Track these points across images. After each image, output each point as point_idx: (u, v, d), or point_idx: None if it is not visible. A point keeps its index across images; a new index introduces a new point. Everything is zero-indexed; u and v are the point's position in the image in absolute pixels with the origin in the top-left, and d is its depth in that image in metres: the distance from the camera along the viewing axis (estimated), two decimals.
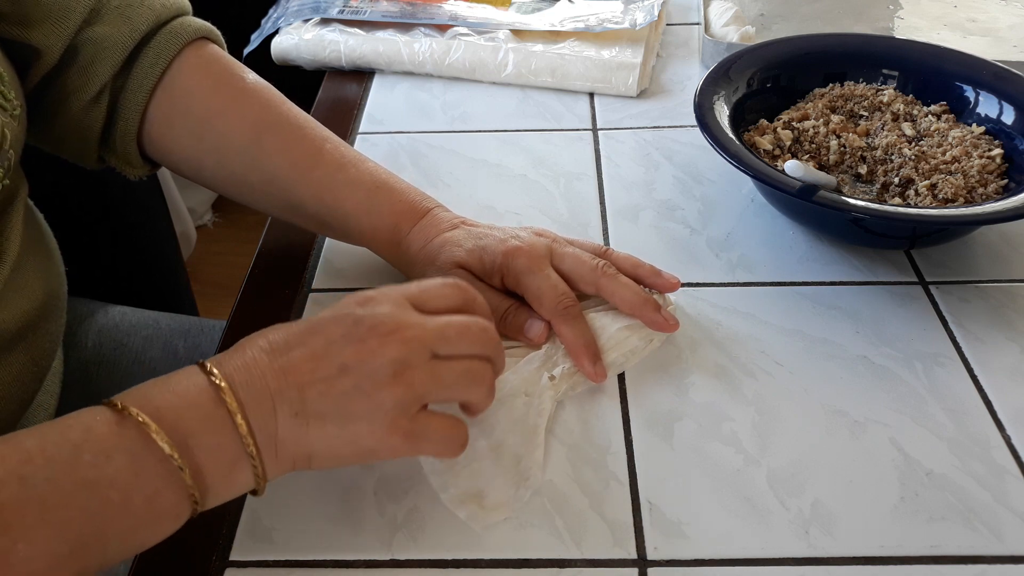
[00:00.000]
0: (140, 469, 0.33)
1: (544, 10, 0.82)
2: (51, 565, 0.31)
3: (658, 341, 0.50)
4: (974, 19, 0.83)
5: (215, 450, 0.35)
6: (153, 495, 0.34)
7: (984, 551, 0.40)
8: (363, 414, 0.37)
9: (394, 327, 0.38)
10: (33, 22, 0.48)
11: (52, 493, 0.32)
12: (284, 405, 0.36)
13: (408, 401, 0.37)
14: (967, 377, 0.48)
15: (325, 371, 0.37)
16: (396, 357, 0.37)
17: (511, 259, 0.49)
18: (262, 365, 0.36)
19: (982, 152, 0.57)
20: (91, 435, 0.33)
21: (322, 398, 0.36)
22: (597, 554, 0.40)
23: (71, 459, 0.32)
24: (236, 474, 0.36)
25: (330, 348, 0.37)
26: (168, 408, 0.34)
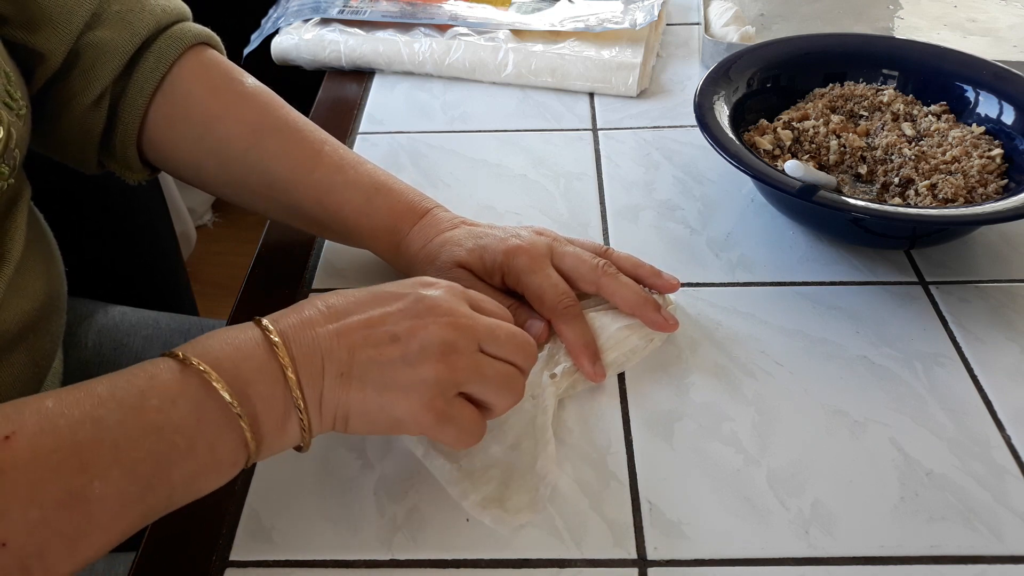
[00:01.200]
0: (202, 415, 0.35)
1: (544, 10, 0.82)
2: (123, 504, 0.33)
3: (658, 341, 0.50)
4: (974, 19, 0.83)
5: (269, 400, 0.36)
6: (215, 441, 0.35)
7: (984, 551, 0.40)
8: (403, 385, 0.38)
9: (450, 311, 0.40)
10: (37, 26, 0.49)
11: (123, 436, 0.33)
12: (332, 364, 0.37)
13: (447, 382, 0.39)
14: (967, 377, 0.48)
15: (377, 338, 0.38)
16: (446, 339, 0.39)
17: (512, 258, 0.49)
18: (317, 325, 0.38)
19: (982, 152, 0.57)
20: (156, 382, 0.35)
21: (369, 363, 0.38)
22: (597, 554, 0.40)
23: (139, 403, 0.34)
24: (287, 425, 0.37)
25: (386, 318, 0.39)
26: (227, 359, 0.36)
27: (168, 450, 0.34)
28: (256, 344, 0.37)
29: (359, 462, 0.45)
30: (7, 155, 0.45)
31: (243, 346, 0.37)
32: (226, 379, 0.35)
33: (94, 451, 0.32)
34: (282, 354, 0.37)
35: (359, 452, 0.45)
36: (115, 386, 0.34)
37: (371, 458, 0.45)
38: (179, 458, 0.34)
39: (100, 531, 0.33)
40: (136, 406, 0.34)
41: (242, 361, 0.36)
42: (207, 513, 0.42)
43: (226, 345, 0.37)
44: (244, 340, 0.37)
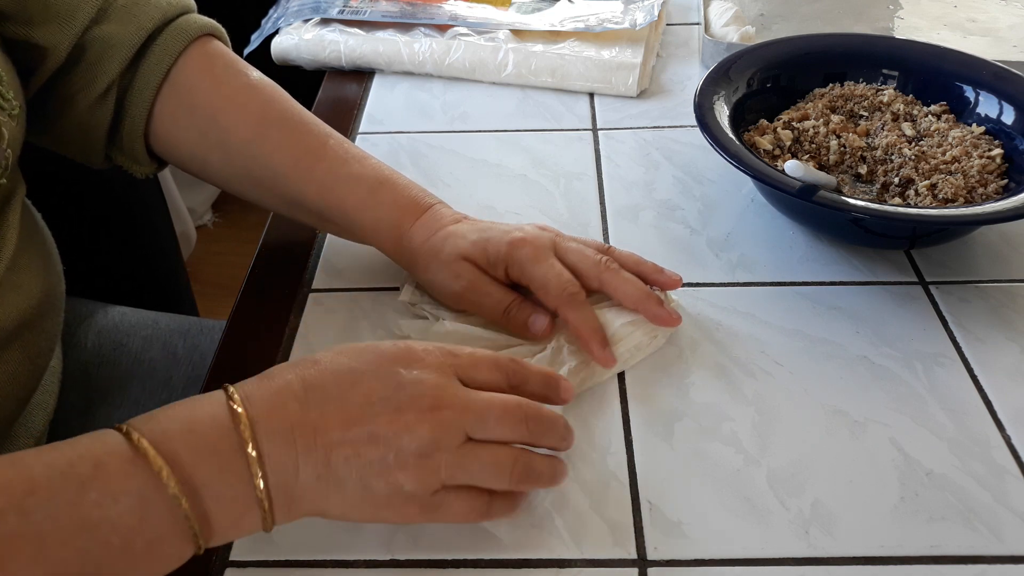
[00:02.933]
0: (146, 514, 0.32)
1: (544, 10, 0.82)
2: None
3: (662, 338, 0.50)
4: (974, 19, 0.83)
5: (227, 501, 0.34)
6: (156, 540, 0.33)
7: (984, 551, 0.40)
8: (383, 488, 0.36)
9: (434, 403, 0.37)
10: (39, 22, 0.48)
11: (52, 531, 0.31)
12: (308, 466, 0.35)
13: (429, 484, 0.37)
14: (967, 377, 0.48)
15: (355, 435, 0.36)
16: (426, 439, 0.36)
17: (516, 249, 0.49)
18: (292, 415, 0.35)
19: (982, 152, 0.57)
20: (100, 472, 0.32)
21: (346, 463, 0.36)
22: (597, 554, 0.40)
23: (76, 497, 0.31)
24: (244, 522, 0.35)
25: (365, 411, 0.36)
26: (186, 451, 0.33)
27: (100, 549, 0.32)
28: (223, 434, 0.34)
29: None
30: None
31: (207, 435, 0.34)
32: (180, 477, 0.33)
33: (14, 546, 0.30)
34: (251, 452, 0.34)
35: None
36: (53, 470, 0.32)
37: None
38: (113, 558, 0.32)
39: None
40: (72, 501, 0.31)
41: (204, 456, 0.34)
42: None
43: (189, 433, 0.34)
44: (209, 426, 0.34)
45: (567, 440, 0.41)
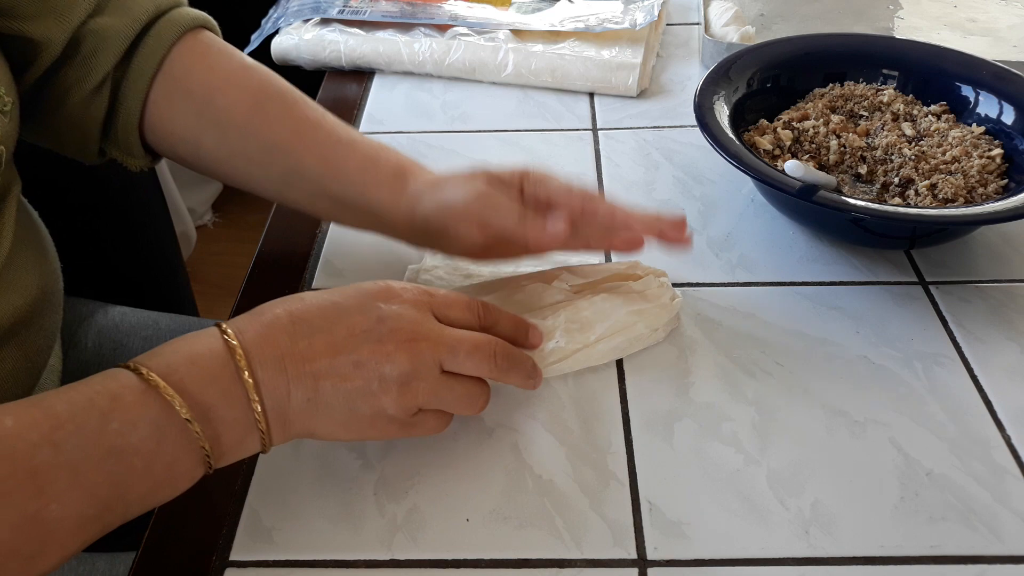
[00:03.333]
0: (163, 438, 0.35)
1: (544, 10, 0.82)
2: (79, 525, 0.33)
3: (663, 332, 0.50)
4: (974, 19, 0.83)
5: (231, 423, 0.37)
6: (173, 461, 0.36)
7: (984, 551, 0.40)
8: (366, 414, 0.40)
9: (411, 335, 0.40)
10: (34, 16, 0.48)
11: (82, 459, 0.33)
12: (298, 390, 0.38)
13: (409, 408, 0.40)
14: (967, 377, 0.48)
15: (340, 365, 0.39)
16: (406, 368, 0.40)
17: (530, 169, 0.51)
18: (282, 345, 0.38)
19: (982, 152, 0.57)
20: (117, 403, 0.35)
21: (334, 389, 0.39)
22: (597, 554, 0.40)
23: (99, 427, 0.34)
24: (246, 441, 0.38)
25: (349, 341, 0.39)
26: (191, 380, 0.36)
27: (126, 472, 0.34)
28: (222, 364, 0.37)
29: (359, 462, 0.45)
30: None
31: (208, 366, 0.37)
32: (189, 402, 0.36)
33: (52, 475, 0.33)
34: (247, 378, 0.37)
35: (359, 452, 0.45)
36: (75, 406, 0.34)
37: (371, 458, 0.45)
38: (137, 479, 0.35)
39: (57, 549, 0.33)
40: (96, 430, 0.34)
41: (207, 384, 0.36)
42: (207, 513, 0.42)
43: (191, 365, 0.37)
44: (209, 358, 0.37)
45: (533, 378, 0.45)
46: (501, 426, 0.46)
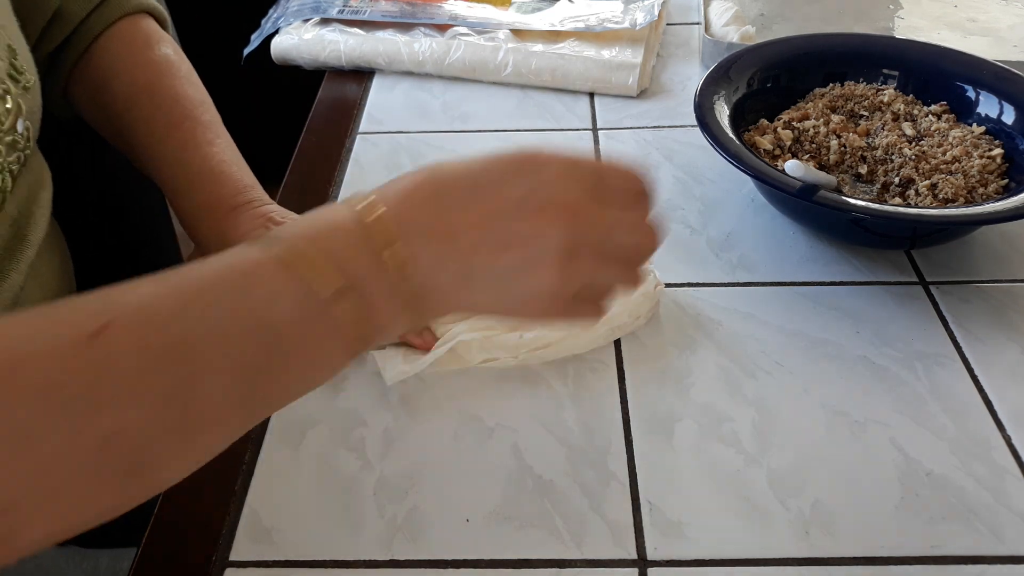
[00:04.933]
0: (305, 315, 0.32)
1: (544, 10, 0.81)
2: (229, 402, 0.31)
3: (643, 319, 0.51)
4: (974, 19, 0.83)
5: (376, 301, 0.33)
6: (319, 341, 0.32)
7: (984, 551, 0.40)
8: (522, 291, 0.36)
9: (567, 207, 0.36)
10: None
11: (231, 328, 0.30)
12: (450, 265, 0.35)
13: (564, 289, 0.36)
14: (967, 377, 0.48)
15: (493, 240, 0.35)
16: (563, 242, 0.35)
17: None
18: (429, 218, 0.35)
19: (982, 152, 0.57)
20: (252, 279, 0.31)
21: (486, 268, 0.35)
22: (597, 554, 0.40)
23: (238, 300, 0.31)
24: (393, 324, 0.35)
25: (501, 214, 0.35)
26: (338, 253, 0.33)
27: (274, 346, 0.31)
28: (364, 237, 0.33)
29: (359, 462, 0.45)
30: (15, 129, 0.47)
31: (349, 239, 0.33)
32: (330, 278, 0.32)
33: (199, 344, 0.30)
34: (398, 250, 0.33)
35: (359, 452, 0.45)
36: (204, 282, 0.31)
37: (371, 458, 0.45)
38: (283, 358, 0.32)
39: (208, 431, 0.31)
40: (236, 302, 0.31)
41: (349, 259, 0.33)
42: (207, 513, 0.42)
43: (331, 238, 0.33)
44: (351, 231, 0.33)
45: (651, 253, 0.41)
46: (501, 426, 0.46)
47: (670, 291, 0.54)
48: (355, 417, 0.47)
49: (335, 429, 0.46)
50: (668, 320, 0.52)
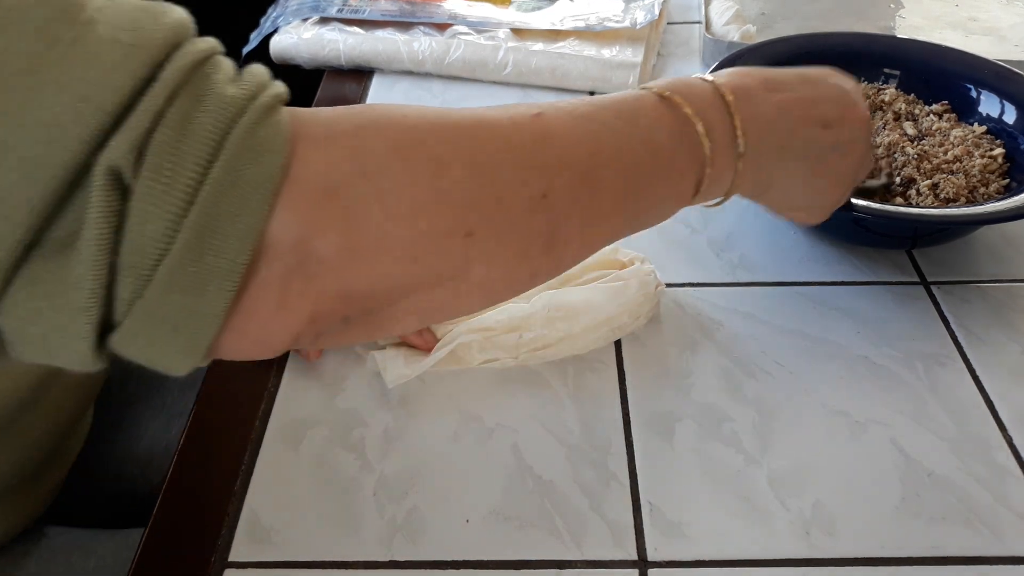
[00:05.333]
0: (677, 146, 0.36)
1: (544, 8, 0.81)
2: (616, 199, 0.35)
3: (644, 319, 0.51)
4: (976, 18, 0.83)
5: (722, 151, 0.37)
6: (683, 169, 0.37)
7: (985, 552, 0.40)
8: (833, 172, 0.42)
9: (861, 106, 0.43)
10: None
11: (623, 137, 0.35)
12: (774, 136, 0.39)
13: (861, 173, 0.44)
14: (968, 377, 0.48)
15: (813, 120, 0.41)
16: (863, 135, 0.43)
17: None
18: (758, 93, 0.39)
19: (984, 152, 0.57)
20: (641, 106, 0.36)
21: (807, 143, 0.40)
22: (597, 554, 0.40)
23: (632, 118, 0.35)
24: (724, 176, 0.38)
25: (820, 101, 0.41)
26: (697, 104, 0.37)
27: (651, 163, 0.35)
28: (716, 100, 0.38)
29: (359, 462, 0.44)
30: None
31: (706, 97, 0.38)
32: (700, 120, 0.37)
33: (602, 141, 0.34)
34: (737, 117, 0.38)
35: (359, 452, 0.45)
36: (611, 100, 0.36)
37: (371, 458, 0.45)
38: (656, 174, 0.36)
39: (602, 220, 0.35)
40: (630, 120, 0.35)
41: (707, 110, 0.37)
42: (207, 513, 0.42)
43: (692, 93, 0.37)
44: (705, 91, 0.38)
45: None
46: (501, 426, 0.46)
47: (670, 291, 0.54)
48: (355, 417, 0.47)
49: (335, 429, 0.46)
50: (668, 320, 0.52)
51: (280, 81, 0.30)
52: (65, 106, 0.24)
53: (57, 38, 0.24)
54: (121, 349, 0.27)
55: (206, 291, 0.26)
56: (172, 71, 0.26)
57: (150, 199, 0.25)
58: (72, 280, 0.25)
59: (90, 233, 0.24)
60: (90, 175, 0.24)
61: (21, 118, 0.24)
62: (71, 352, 0.27)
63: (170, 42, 0.26)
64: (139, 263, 0.25)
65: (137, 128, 0.25)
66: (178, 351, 0.27)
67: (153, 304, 0.26)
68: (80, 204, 0.24)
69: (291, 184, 0.27)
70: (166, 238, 0.25)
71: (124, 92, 0.25)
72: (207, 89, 0.26)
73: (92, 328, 0.26)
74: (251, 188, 0.26)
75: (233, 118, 0.26)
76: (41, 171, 0.24)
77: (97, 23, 0.25)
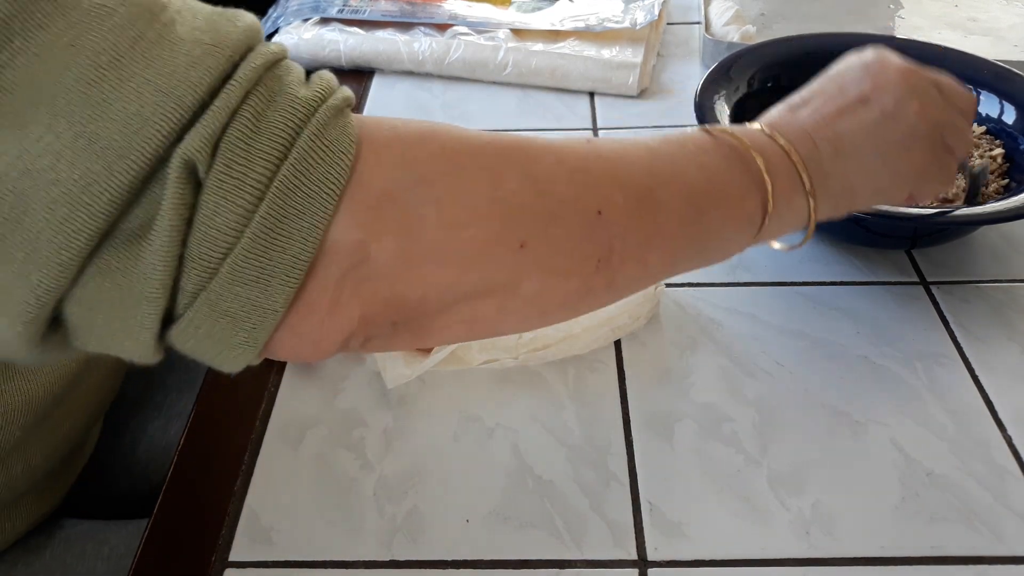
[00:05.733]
0: (732, 171, 0.36)
1: (544, 9, 0.81)
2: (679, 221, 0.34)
3: (644, 319, 0.51)
4: (975, 19, 0.83)
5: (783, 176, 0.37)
6: (742, 192, 0.36)
7: (985, 551, 0.40)
8: (898, 140, 0.40)
9: (902, 66, 0.42)
10: None
11: (679, 161, 0.35)
12: (823, 143, 0.38)
13: (932, 124, 0.41)
14: (968, 377, 0.48)
15: (848, 106, 0.39)
16: (909, 87, 0.41)
17: None
18: (786, 117, 0.39)
19: (983, 152, 0.57)
20: (685, 136, 0.36)
21: (853, 132, 0.39)
22: (597, 554, 0.40)
23: (680, 146, 0.36)
24: (794, 198, 0.38)
25: (845, 86, 0.40)
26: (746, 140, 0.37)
27: (708, 187, 0.35)
28: (750, 128, 0.38)
29: (359, 462, 0.45)
30: None
31: (739, 128, 0.38)
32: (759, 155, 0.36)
33: (656, 163, 0.34)
34: (779, 138, 0.37)
35: (359, 452, 0.45)
36: (653, 136, 0.36)
37: (371, 459, 0.45)
38: (713, 197, 0.35)
39: (662, 241, 0.34)
40: (679, 147, 0.36)
41: (746, 133, 0.37)
42: (206, 514, 0.42)
43: (726, 127, 0.38)
44: (738, 127, 0.38)
45: None
46: (501, 426, 0.46)
47: (670, 291, 0.54)
48: (355, 417, 0.47)
49: (335, 429, 0.46)
50: (668, 320, 0.52)
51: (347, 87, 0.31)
52: (147, 99, 0.24)
53: (141, 35, 0.25)
54: (180, 342, 0.27)
55: (269, 285, 0.26)
56: (247, 70, 0.26)
57: (221, 193, 0.25)
58: (142, 270, 0.25)
59: (163, 224, 0.25)
60: (166, 167, 0.25)
61: (107, 109, 0.24)
62: (134, 341, 0.27)
63: (245, 43, 0.27)
64: (207, 255, 0.26)
65: (213, 124, 0.25)
66: (236, 345, 0.27)
67: (217, 296, 0.26)
68: (155, 196, 0.25)
69: (354, 187, 0.27)
70: (235, 232, 0.26)
71: (203, 88, 0.25)
72: (280, 89, 0.27)
73: (157, 319, 0.26)
74: (318, 187, 0.26)
75: (304, 118, 0.27)
76: (124, 161, 0.24)
77: (177, 23, 0.26)
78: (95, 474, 0.60)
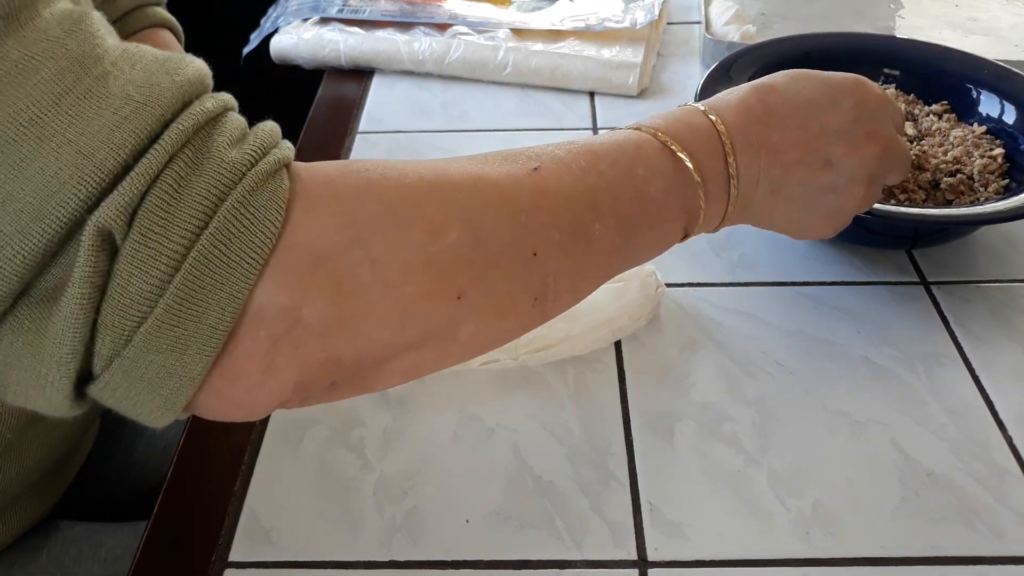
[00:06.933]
0: (669, 194, 0.37)
1: (544, 9, 0.81)
2: (609, 252, 0.35)
3: (644, 320, 0.51)
4: (975, 18, 0.83)
5: (715, 197, 0.38)
6: (671, 219, 0.38)
7: (985, 552, 0.40)
8: (825, 211, 0.42)
9: (884, 140, 0.42)
10: None
11: (619, 191, 0.35)
12: (766, 181, 0.40)
13: (861, 208, 0.43)
14: (968, 377, 0.48)
15: (811, 159, 0.40)
16: (874, 171, 0.42)
17: None
18: (757, 135, 0.39)
19: (983, 152, 0.57)
20: (641, 153, 0.37)
21: (799, 185, 0.40)
22: (597, 555, 0.40)
23: (629, 169, 0.36)
24: (712, 219, 0.40)
25: (822, 139, 0.40)
26: (696, 150, 0.38)
27: (644, 214, 0.36)
28: (714, 142, 0.38)
29: (359, 462, 0.44)
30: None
31: (707, 142, 0.38)
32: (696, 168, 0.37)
33: (597, 197, 0.35)
34: (731, 163, 0.38)
35: (359, 452, 0.45)
36: (607, 146, 0.36)
37: (371, 458, 0.45)
38: (647, 224, 0.37)
39: (592, 272, 0.35)
40: (627, 170, 0.36)
41: (706, 157, 0.38)
42: (207, 513, 0.42)
43: (695, 137, 0.38)
44: (706, 135, 0.38)
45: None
46: (501, 426, 0.46)
47: (670, 291, 0.54)
48: (354, 417, 0.47)
49: (335, 429, 0.46)
50: (668, 320, 0.52)
51: (287, 141, 0.30)
52: (66, 160, 0.24)
53: (69, 90, 0.24)
54: (100, 399, 0.27)
55: (185, 354, 0.26)
56: (175, 132, 0.25)
57: (135, 263, 0.25)
58: (52, 334, 0.25)
59: (74, 291, 0.24)
60: (81, 232, 0.24)
61: (24, 169, 0.23)
62: (47, 401, 0.27)
63: (180, 100, 0.26)
64: (120, 323, 0.25)
65: (131, 191, 0.24)
66: (155, 408, 0.27)
67: (131, 363, 0.26)
68: (69, 259, 0.24)
69: (281, 252, 0.27)
70: (149, 302, 0.25)
71: (126, 151, 0.24)
72: (207, 153, 0.26)
73: (69, 381, 0.26)
74: (239, 257, 0.26)
75: (230, 184, 0.26)
76: (38, 224, 0.24)
77: (111, 77, 0.25)
78: (93, 475, 0.60)
